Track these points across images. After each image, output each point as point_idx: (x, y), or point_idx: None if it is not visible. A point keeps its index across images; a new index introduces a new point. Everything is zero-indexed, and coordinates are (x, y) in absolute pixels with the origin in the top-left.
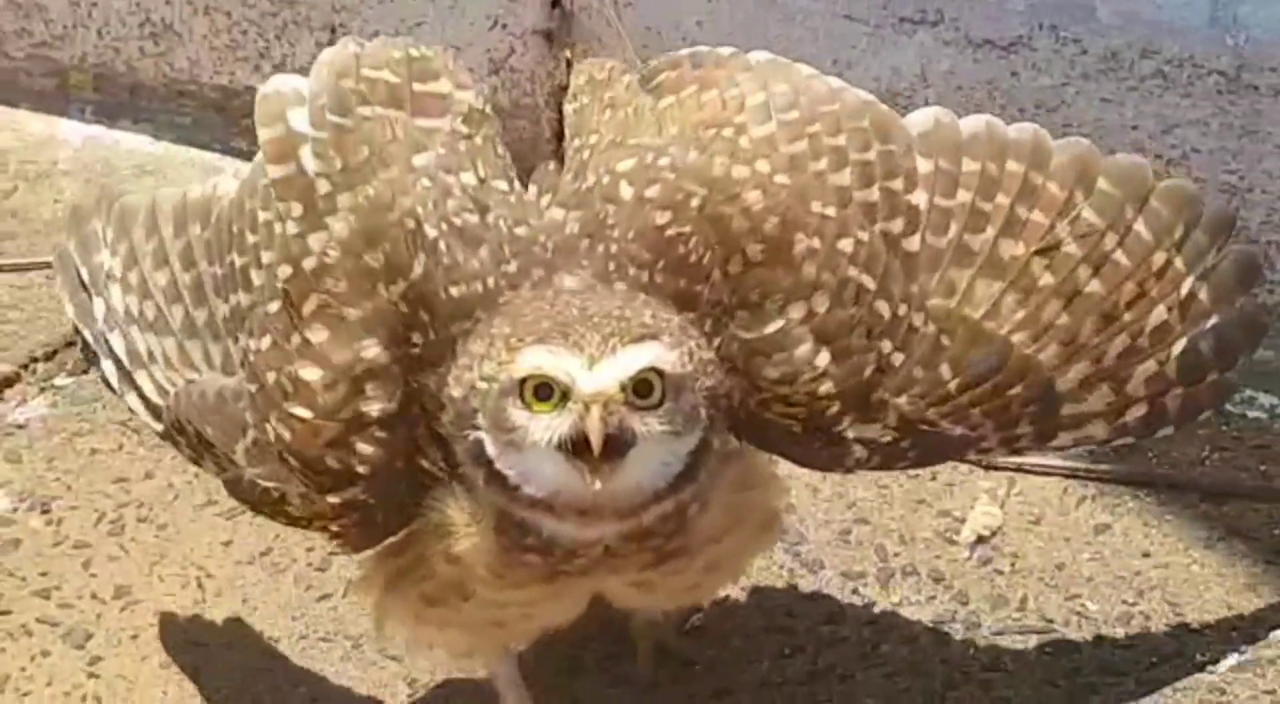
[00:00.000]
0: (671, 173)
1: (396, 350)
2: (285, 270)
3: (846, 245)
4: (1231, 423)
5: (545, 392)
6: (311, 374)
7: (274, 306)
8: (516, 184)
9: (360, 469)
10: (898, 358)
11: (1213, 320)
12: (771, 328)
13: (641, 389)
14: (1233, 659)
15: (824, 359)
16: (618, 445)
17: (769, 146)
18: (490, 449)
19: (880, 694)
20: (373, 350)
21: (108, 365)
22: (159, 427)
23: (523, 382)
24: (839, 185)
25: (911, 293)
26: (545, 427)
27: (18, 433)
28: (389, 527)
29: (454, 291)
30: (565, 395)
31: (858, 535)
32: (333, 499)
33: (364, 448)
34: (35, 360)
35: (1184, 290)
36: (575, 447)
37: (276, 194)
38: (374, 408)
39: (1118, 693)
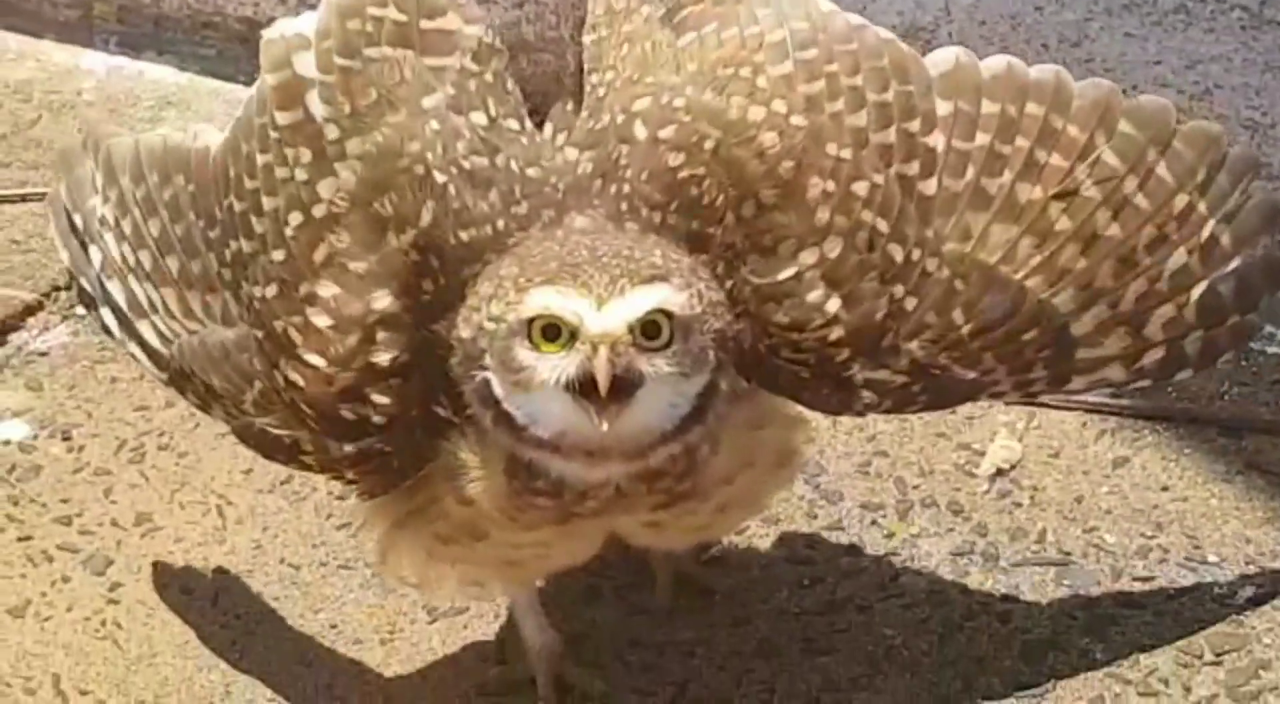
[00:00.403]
0: (687, 114)
1: (408, 299)
2: (296, 218)
3: (861, 189)
4: (1250, 358)
5: (553, 332)
6: (323, 321)
7: (279, 254)
8: (528, 122)
9: (376, 419)
10: (910, 302)
11: (1234, 263)
12: (784, 274)
13: (649, 330)
14: (1250, 591)
15: (834, 305)
16: (625, 386)
17: (786, 86)
18: (497, 389)
19: (898, 624)
20: (384, 301)
21: (106, 313)
22: (163, 376)
23: (530, 322)
24: (855, 126)
25: (926, 237)
26: (552, 367)
27: (39, 360)
28: (404, 472)
29: (464, 236)
30: (573, 336)
31: (877, 467)
32: (349, 448)
33: (379, 398)
34: (57, 289)
35: (1205, 234)
36: (582, 387)
37: (284, 140)
38: (386, 357)
39: (1135, 625)
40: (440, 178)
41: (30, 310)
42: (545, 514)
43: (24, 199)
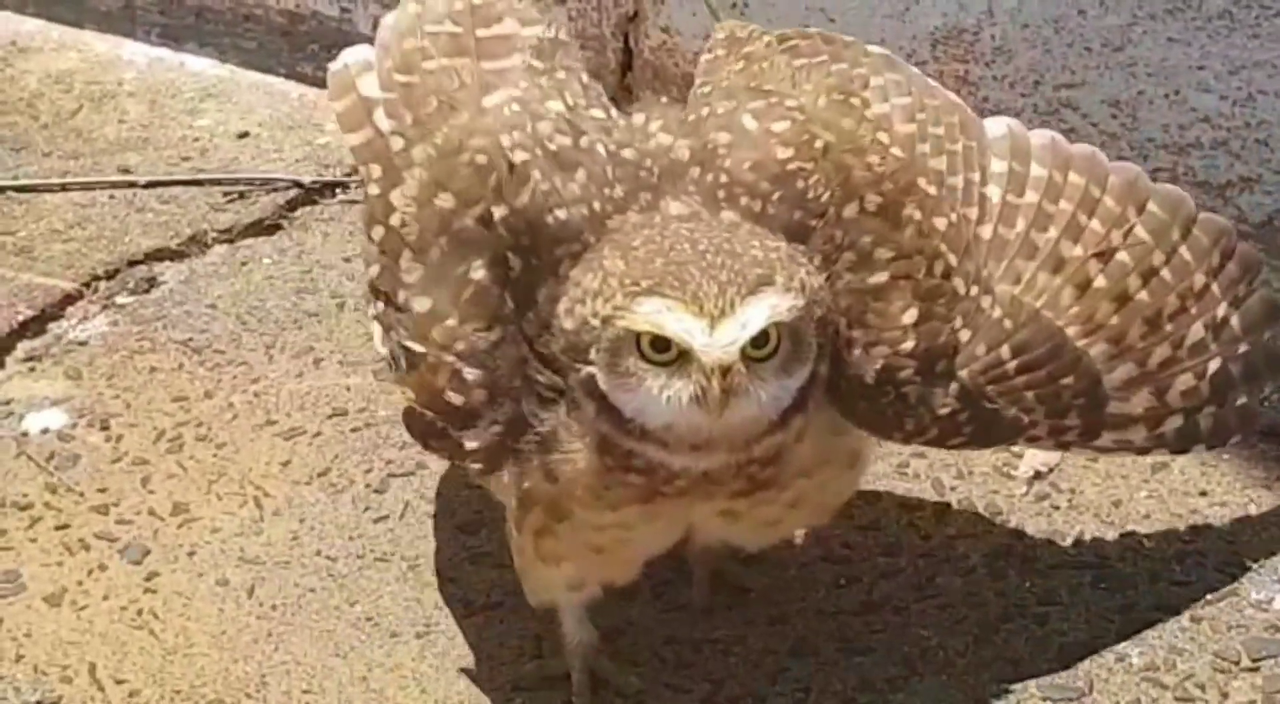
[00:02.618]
0: (801, 115)
1: (497, 271)
2: (378, 232)
3: (941, 223)
4: None
5: (662, 343)
6: (422, 305)
7: (375, 270)
8: (613, 111)
9: (477, 397)
10: (965, 334)
11: (1243, 347)
12: (876, 278)
13: (759, 341)
14: None
15: (911, 317)
16: (735, 390)
17: (888, 122)
18: (603, 385)
19: (934, 625)
20: (479, 272)
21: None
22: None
23: (639, 334)
24: (937, 169)
25: (982, 276)
26: (663, 385)
27: (78, 350)
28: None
29: (560, 214)
30: (683, 352)
31: (915, 469)
32: (470, 444)
33: (471, 372)
34: (97, 278)
35: (1219, 313)
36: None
37: (357, 159)
38: (477, 331)
39: (1172, 629)
40: (521, 156)
41: (70, 299)
42: (631, 492)
43: (64, 188)
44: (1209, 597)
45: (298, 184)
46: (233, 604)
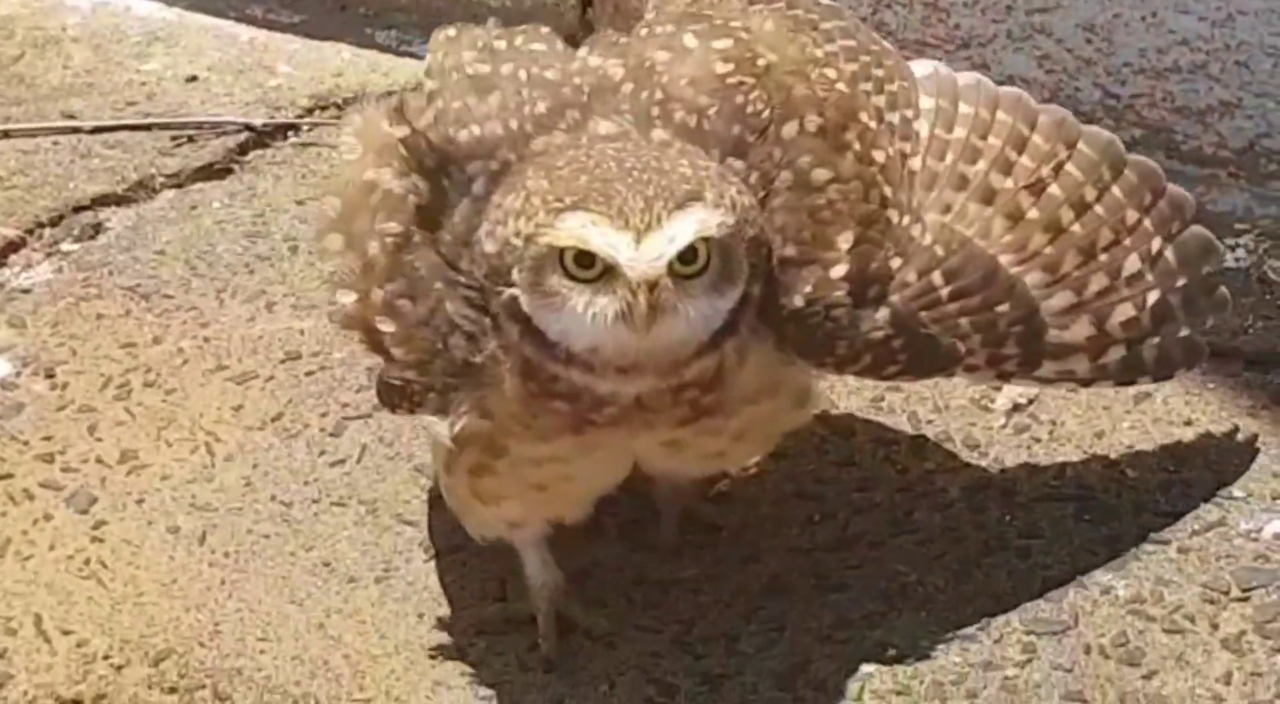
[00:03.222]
0: (746, 33)
1: (406, 182)
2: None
3: (879, 156)
4: (1274, 292)
5: (587, 259)
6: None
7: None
8: (559, 45)
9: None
10: (896, 262)
11: (1181, 281)
12: (814, 199)
13: (688, 255)
14: (1277, 527)
15: (847, 241)
16: (662, 307)
17: (835, 61)
18: (526, 306)
19: (912, 561)
20: (389, 182)
21: None
22: None
23: (563, 250)
24: (876, 105)
25: (913, 205)
26: (587, 302)
27: (22, 297)
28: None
29: (473, 130)
30: (608, 267)
31: (890, 402)
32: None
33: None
34: (41, 225)
35: (1154, 247)
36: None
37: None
38: (391, 227)
39: (1159, 560)
40: (432, 84)
41: (14, 247)
42: (560, 420)
43: (6, 135)
44: (1196, 527)
45: (249, 127)
46: (184, 552)
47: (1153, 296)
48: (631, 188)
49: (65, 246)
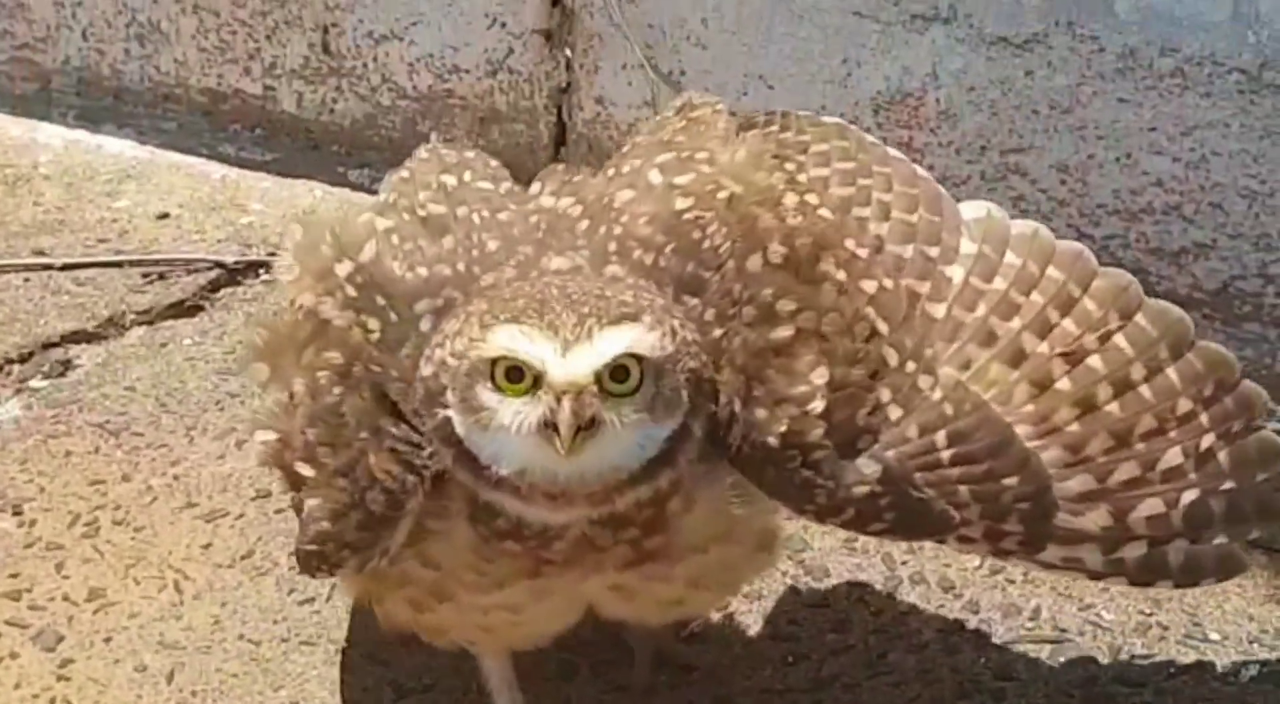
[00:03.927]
0: (709, 167)
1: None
2: None
3: (869, 286)
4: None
5: (516, 374)
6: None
7: None
8: (507, 184)
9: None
10: (895, 412)
11: (1228, 484)
12: (779, 332)
13: (618, 375)
14: (1253, 670)
15: (822, 376)
16: (590, 426)
17: (822, 186)
18: (459, 428)
19: (887, 703)
20: (330, 314)
21: None
22: None
23: (494, 362)
24: (877, 233)
25: (924, 354)
26: (515, 412)
27: None
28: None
29: (420, 272)
30: (537, 381)
31: (864, 543)
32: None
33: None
34: (10, 361)
35: (1204, 444)
36: (545, 429)
37: None
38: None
39: None
40: (385, 224)
41: None
42: (515, 563)
43: None
44: (1172, 670)
45: (220, 264)
46: (151, 690)
47: (1189, 495)
48: (568, 306)
49: (34, 383)
